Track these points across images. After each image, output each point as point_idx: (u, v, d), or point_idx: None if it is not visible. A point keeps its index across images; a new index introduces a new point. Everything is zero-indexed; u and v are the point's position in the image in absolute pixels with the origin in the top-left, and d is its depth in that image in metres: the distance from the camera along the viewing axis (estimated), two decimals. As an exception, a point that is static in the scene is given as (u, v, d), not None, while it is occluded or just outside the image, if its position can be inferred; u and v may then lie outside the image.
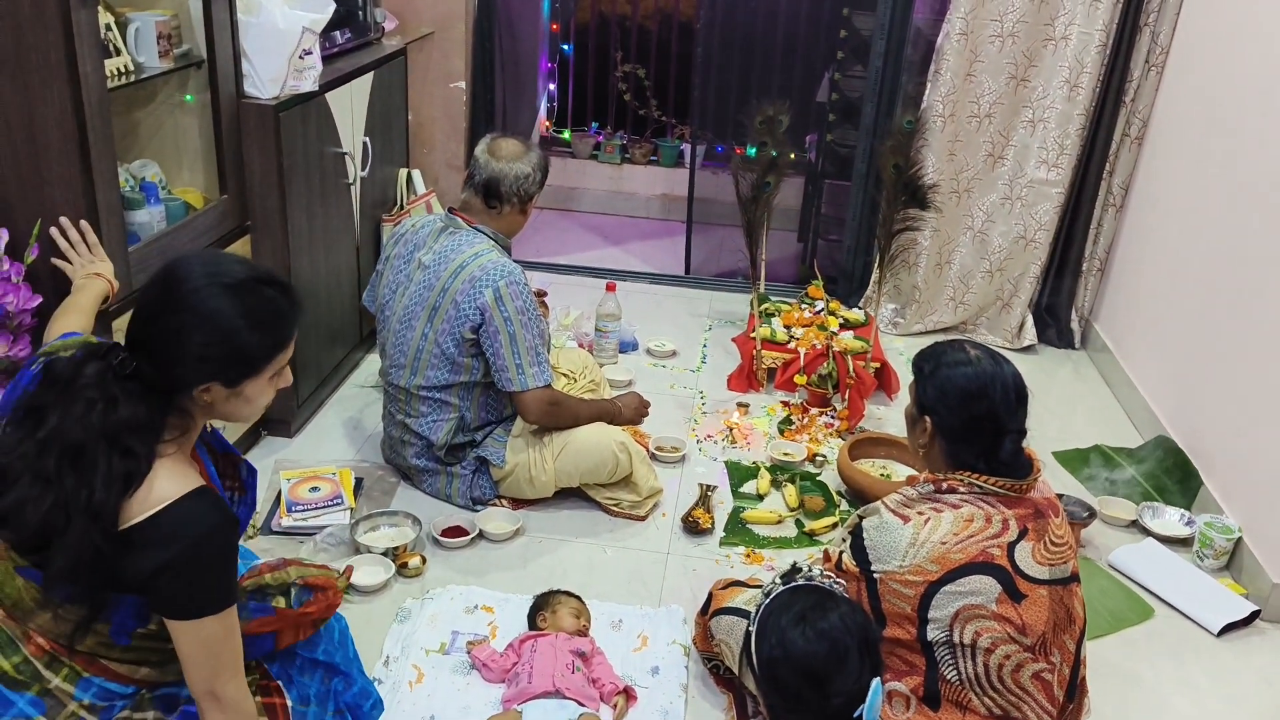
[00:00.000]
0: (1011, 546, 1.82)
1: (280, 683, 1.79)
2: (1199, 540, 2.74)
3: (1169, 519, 2.88)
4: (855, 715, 1.43)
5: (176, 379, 1.44)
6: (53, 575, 1.39)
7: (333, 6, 2.80)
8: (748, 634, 1.61)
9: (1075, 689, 1.91)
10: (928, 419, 1.89)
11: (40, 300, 2.05)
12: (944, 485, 1.86)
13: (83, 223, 2.08)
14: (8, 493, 1.38)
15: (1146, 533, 2.85)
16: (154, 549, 1.38)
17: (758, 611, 1.62)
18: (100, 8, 2.24)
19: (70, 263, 2.06)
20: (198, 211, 2.55)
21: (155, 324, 1.44)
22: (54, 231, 2.06)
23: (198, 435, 1.56)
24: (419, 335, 2.61)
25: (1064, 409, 3.62)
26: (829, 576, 1.74)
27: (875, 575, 1.84)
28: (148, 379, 1.43)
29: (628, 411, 2.90)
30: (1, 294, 1.97)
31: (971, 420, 1.84)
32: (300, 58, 2.71)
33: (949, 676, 1.83)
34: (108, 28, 2.27)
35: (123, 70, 2.30)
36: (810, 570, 1.73)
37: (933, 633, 1.82)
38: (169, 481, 1.41)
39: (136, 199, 2.42)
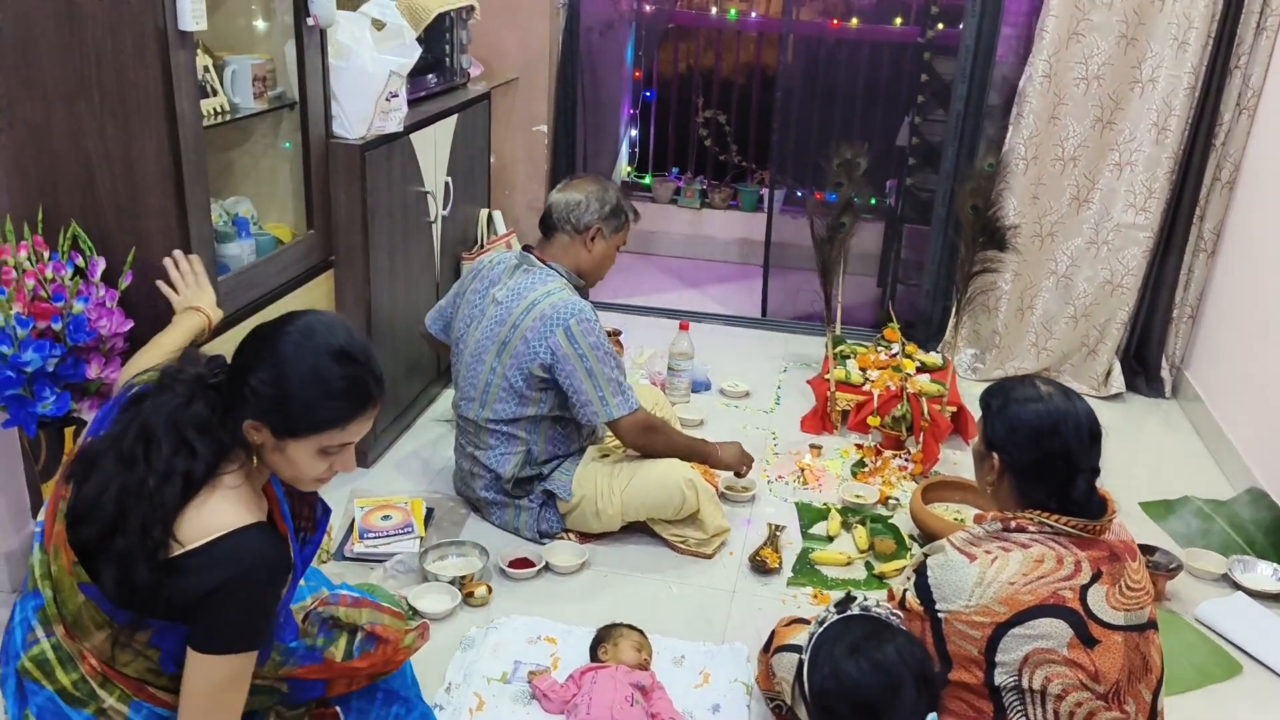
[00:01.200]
0: (1084, 589, 1.76)
1: (338, 708, 1.81)
2: (1293, 596, 2.61)
3: (1260, 573, 2.76)
4: None
5: (232, 400, 1.48)
6: (106, 564, 1.41)
7: (418, 51, 2.91)
8: (800, 663, 1.59)
9: (1152, 742, 1.83)
10: (996, 456, 1.85)
11: (132, 325, 2.15)
12: (1013, 524, 1.82)
13: (193, 255, 2.14)
14: (91, 478, 1.44)
15: (1236, 587, 2.72)
16: (203, 573, 1.40)
17: (810, 640, 1.60)
18: (199, 51, 2.37)
19: (176, 292, 2.11)
20: (284, 245, 2.65)
21: (245, 346, 1.52)
22: (167, 262, 2.11)
23: (268, 474, 1.57)
24: (488, 369, 2.66)
25: (1153, 459, 3.50)
26: (885, 607, 1.71)
27: (940, 615, 1.80)
28: (223, 394, 1.50)
29: (725, 458, 2.87)
30: (96, 318, 2.07)
31: (1043, 458, 1.80)
32: (387, 100, 2.81)
33: (1017, 723, 1.77)
34: (206, 69, 2.40)
35: (219, 110, 2.42)
36: (865, 600, 1.70)
37: (1000, 677, 1.77)
38: (231, 510, 1.44)
39: (229, 233, 2.53)
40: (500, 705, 2.17)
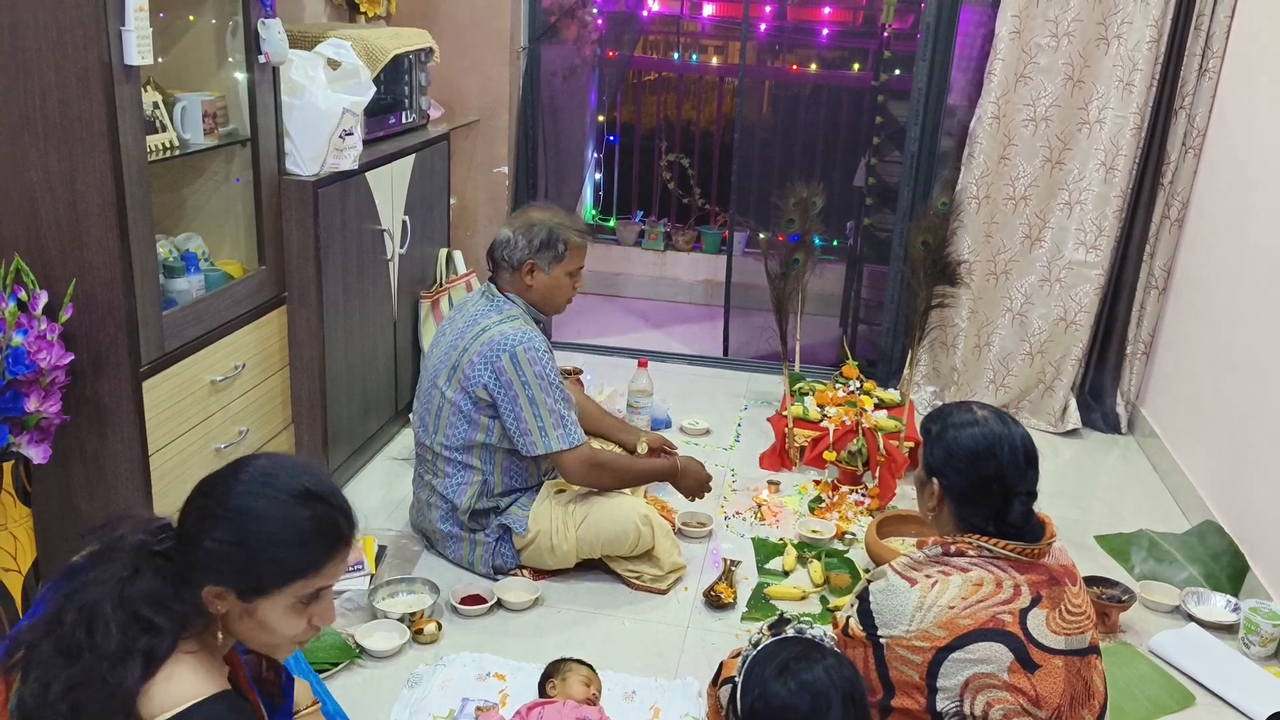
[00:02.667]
0: (1024, 613, 1.76)
1: None
2: (1244, 627, 2.61)
3: (1214, 605, 2.76)
4: None
5: (189, 567, 1.33)
6: None
7: (373, 90, 2.93)
8: (733, 686, 1.58)
9: (1095, 768, 1.82)
10: (935, 481, 1.86)
11: (72, 358, 2.13)
12: (952, 548, 1.82)
13: None
14: (30, 675, 1.27)
15: (1190, 618, 2.73)
16: None
17: (743, 663, 1.59)
18: (150, 87, 2.39)
19: None
20: (234, 281, 2.64)
21: (194, 504, 1.37)
22: None
23: (230, 643, 1.42)
24: (440, 394, 2.67)
25: (1110, 494, 3.52)
26: (821, 629, 1.70)
27: (881, 640, 1.79)
28: (174, 561, 1.35)
29: (686, 477, 2.87)
30: (36, 351, 2.06)
31: (979, 481, 1.80)
32: (341, 138, 2.83)
33: (960, 750, 1.76)
34: (155, 106, 2.41)
35: (167, 145, 2.43)
36: (799, 622, 1.69)
37: (942, 703, 1.76)
38: (192, 680, 1.30)
39: (177, 267, 2.52)
40: (445, 743, 2.13)
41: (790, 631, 1.59)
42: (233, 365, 2.61)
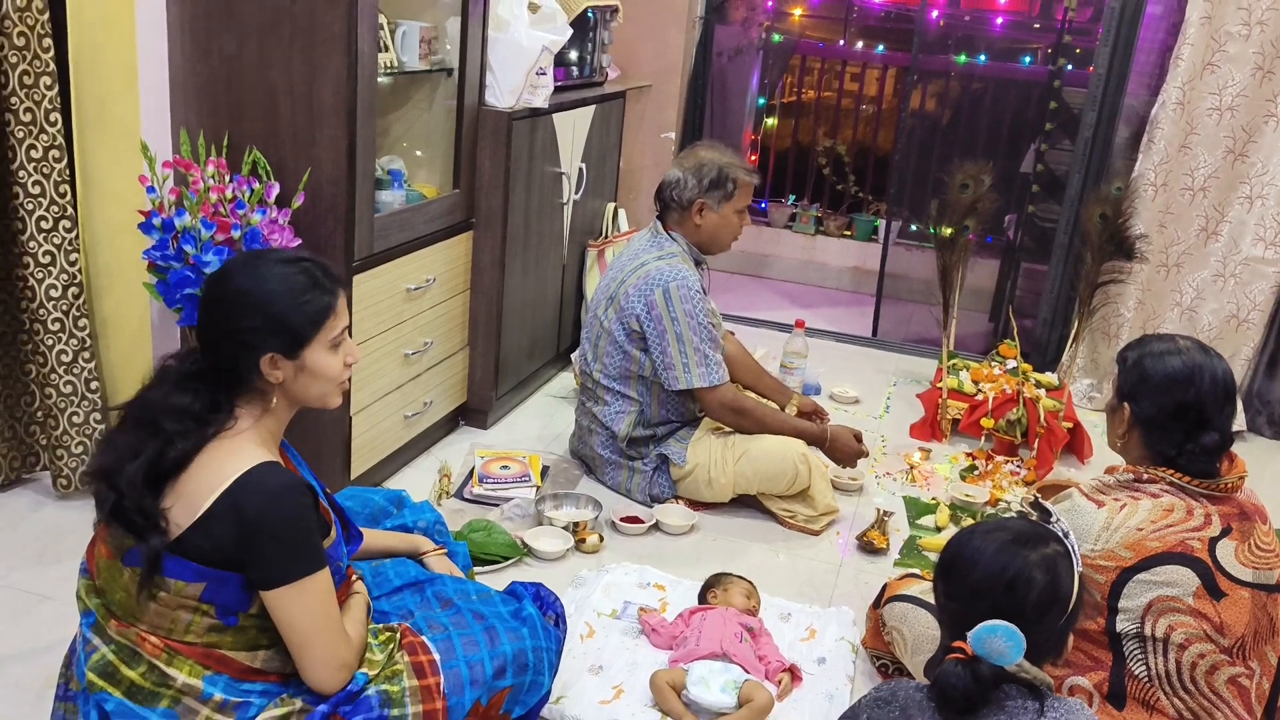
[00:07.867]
0: (1213, 542, 1.75)
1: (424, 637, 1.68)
2: None
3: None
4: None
5: (238, 359, 1.50)
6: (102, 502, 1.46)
7: (569, 33, 3.07)
8: (946, 548, 1.56)
9: (1275, 708, 1.79)
10: (1127, 407, 1.86)
11: (300, 243, 2.30)
12: (1144, 476, 1.82)
13: None
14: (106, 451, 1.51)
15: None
16: (230, 518, 1.42)
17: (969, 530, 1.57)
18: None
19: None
20: (431, 199, 2.80)
21: (209, 316, 1.53)
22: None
23: (281, 423, 1.58)
24: (599, 322, 2.79)
25: (1275, 500, 3.39)
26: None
27: (1063, 559, 1.80)
28: (213, 371, 1.51)
29: (838, 445, 2.86)
30: (269, 233, 2.23)
31: (1174, 408, 1.79)
32: (536, 75, 2.97)
33: (1137, 673, 1.75)
34: (380, 27, 2.58)
35: (389, 64, 2.60)
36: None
37: (1122, 624, 1.76)
38: (239, 458, 1.46)
39: (385, 180, 2.69)
40: (610, 636, 2.22)
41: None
42: (425, 277, 2.76)
